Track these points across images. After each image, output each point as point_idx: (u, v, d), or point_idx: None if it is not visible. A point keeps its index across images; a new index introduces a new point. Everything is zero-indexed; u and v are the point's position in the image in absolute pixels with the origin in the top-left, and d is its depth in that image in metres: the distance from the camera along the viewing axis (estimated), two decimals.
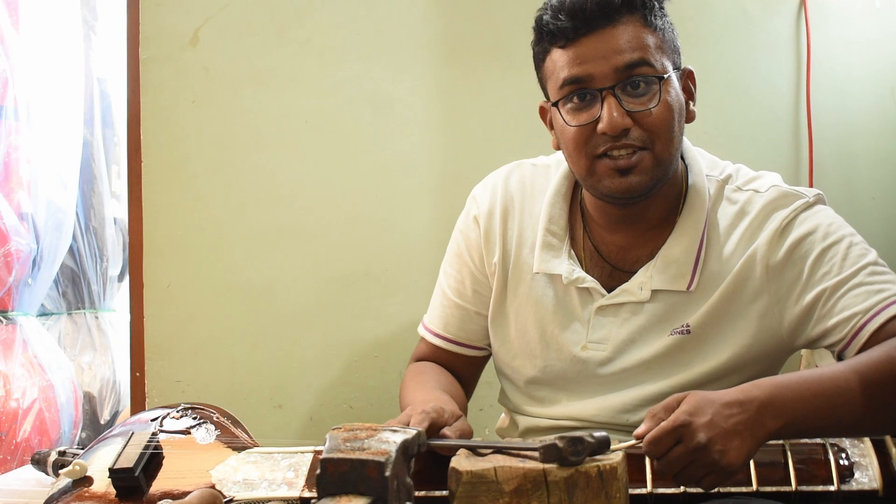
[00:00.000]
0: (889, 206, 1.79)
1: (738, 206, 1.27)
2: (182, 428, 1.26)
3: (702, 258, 1.25)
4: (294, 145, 1.92)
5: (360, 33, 1.91)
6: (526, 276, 1.34)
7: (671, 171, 1.24)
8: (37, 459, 1.29)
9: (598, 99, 1.19)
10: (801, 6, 1.81)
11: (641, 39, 1.19)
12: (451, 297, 1.42)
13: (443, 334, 1.44)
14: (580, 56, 1.19)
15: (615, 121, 1.17)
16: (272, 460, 1.19)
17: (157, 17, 1.94)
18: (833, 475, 1.05)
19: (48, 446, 2.62)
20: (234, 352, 1.92)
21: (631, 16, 1.19)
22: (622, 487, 0.92)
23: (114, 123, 3.26)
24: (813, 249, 1.20)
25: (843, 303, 1.17)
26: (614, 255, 1.31)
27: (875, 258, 1.21)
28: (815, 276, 1.20)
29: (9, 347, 2.68)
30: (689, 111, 1.27)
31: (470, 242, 1.40)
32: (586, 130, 1.20)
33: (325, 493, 0.81)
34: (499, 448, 0.98)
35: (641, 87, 1.18)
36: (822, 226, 1.22)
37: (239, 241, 1.92)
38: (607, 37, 1.18)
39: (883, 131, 1.80)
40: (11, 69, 2.67)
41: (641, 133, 1.19)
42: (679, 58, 1.26)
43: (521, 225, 1.36)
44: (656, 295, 1.26)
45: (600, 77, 1.18)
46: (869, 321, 1.15)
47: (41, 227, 2.78)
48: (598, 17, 1.17)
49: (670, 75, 1.21)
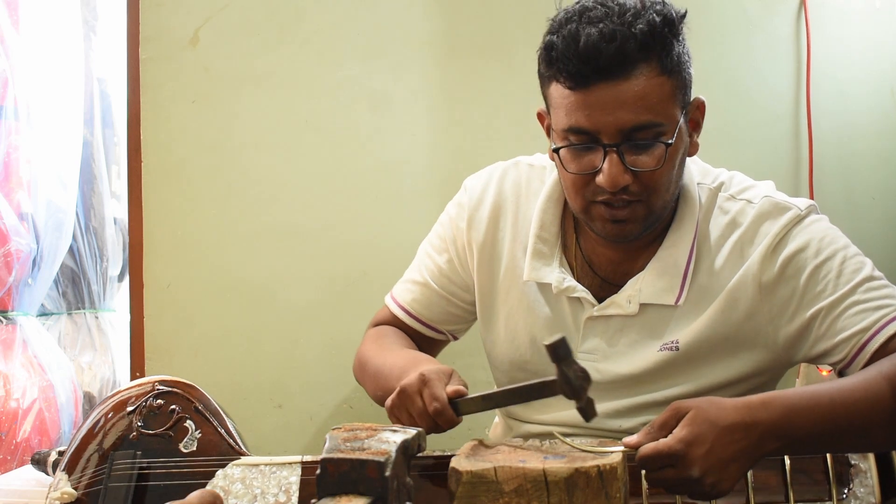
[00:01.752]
0: (889, 206, 1.80)
1: (730, 215, 1.24)
2: (162, 430, 1.22)
3: (691, 271, 1.23)
4: (294, 145, 1.92)
5: (360, 33, 1.91)
6: (518, 280, 1.33)
7: (666, 212, 1.22)
8: (37, 459, 1.29)
9: (601, 151, 1.15)
10: (801, 6, 1.81)
11: (655, 94, 1.12)
12: (425, 277, 1.42)
13: (407, 308, 1.43)
14: (588, 105, 1.13)
15: (616, 178, 1.14)
16: (261, 476, 1.16)
17: (157, 17, 1.95)
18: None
19: (48, 446, 2.62)
20: (234, 352, 1.92)
21: (646, 63, 1.12)
22: (622, 487, 0.92)
23: (114, 123, 3.25)
24: (806, 266, 1.18)
25: (841, 323, 1.15)
26: (605, 266, 1.29)
27: (870, 272, 1.18)
28: (810, 294, 1.18)
29: (9, 347, 2.67)
30: (692, 144, 1.23)
31: (455, 230, 1.39)
32: (585, 178, 1.17)
33: (325, 493, 0.81)
34: (511, 390, 1.04)
35: (646, 144, 1.15)
36: (814, 241, 1.19)
37: (239, 241, 1.92)
38: (619, 90, 1.11)
39: (883, 132, 1.80)
40: (11, 69, 2.67)
41: (639, 188, 1.16)
42: (690, 91, 1.20)
43: (515, 227, 1.34)
44: (645, 309, 1.24)
45: (605, 133, 1.13)
46: (870, 339, 1.13)
47: (41, 227, 2.78)
48: (612, 67, 1.10)
49: (679, 126, 1.16)
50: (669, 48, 1.13)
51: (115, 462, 1.20)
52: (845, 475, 1.05)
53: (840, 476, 1.05)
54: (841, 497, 1.03)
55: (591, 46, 1.09)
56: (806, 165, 1.79)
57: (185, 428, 1.23)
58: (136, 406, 1.24)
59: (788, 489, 1.03)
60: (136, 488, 1.17)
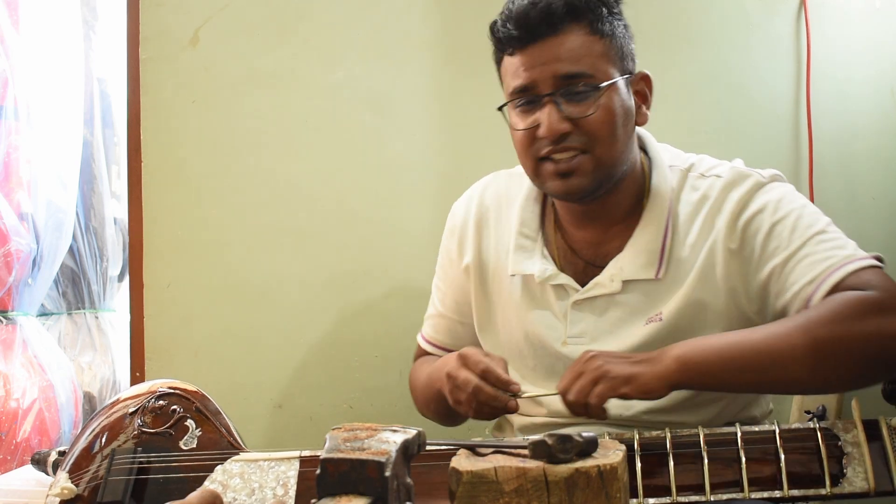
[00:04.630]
0: (889, 206, 1.80)
1: (700, 192, 1.30)
2: (163, 428, 1.25)
3: (668, 246, 1.28)
4: (294, 145, 1.92)
5: (360, 33, 1.92)
6: (506, 281, 1.38)
7: (618, 172, 1.28)
8: (37, 459, 1.29)
9: (541, 105, 1.24)
10: (801, 6, 1.81)
11: (585, 48, 1.23)
12: (439, 308, 1.51)
13: (432, 341, 1.53)
14: (525, 64, 1.24)
15: (553, 125, 1.22)
16: (259, 471, 1.17)
17: (157, 17, 1.95)
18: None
19: (48, 446, 2.62)
20: (234, 352, 1.92)
21: (576, 24, 1.23)
22: (622, 487, 0.92)
23: (114, 123, 3.25)
24: (763, 226, 1.24)
25: (793, 276, 1.20)
26: (586, 250, 1.34)
27: (824, 226, 1.23)
28: (767, 251, 1.23)
29: (9, 347, 2.67)
30: (640, 114, 1.31)
31: (450, 255, 1.48)
32: (530, 134, 1.26)
33: (325, 493, 0.81)
34: (491, 445, 0.99)
35: (581, 94, 1.23)
36: (771, 202, 1.25)
37: (239, 241, 1.93)
38: (550, 45, 1.22)
39: (883, 131, 1.80)
40: (11, 69, 2.67)
41: (581, 137, 1.23)
42: (631, 62, 1.30)
43: (499, 233, 1.41)
44: (628, 285, 1.29)
45: (542, 84, 1.23)
46: (816, 290, 1.17)
47: (41, 227, 2.78)
48: (542, 27, 1.22)
49: (615, 82, 1.25)
50: (599, 13, 1.24)
51: (115, 457, 1.22)
52: (838, 465, 1.04)
53: (833, 463, 1.04)
54: (835, 484, 1.03)
55: (522, 13, 1.23)
56: (806, 165, 1.79)
57: (185, 427, 1.25)
58: (139, 407, 1.26)
59: (782, 473, 1.03)
60: (136, 482, 1.19)
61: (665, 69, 1.84)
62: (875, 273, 1.16)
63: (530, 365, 1.36)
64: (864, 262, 1.17)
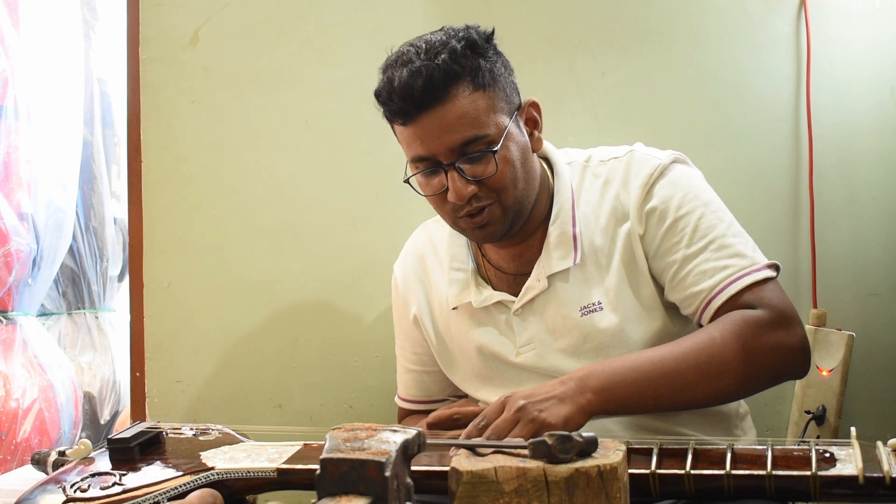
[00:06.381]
0: (889, 206, 1.79)
1: (602, 178, 1.35)
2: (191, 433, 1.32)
3: (579, 233, 1.33)
4: (294, 145, 1.92)
5: (360, 33, 1.91)
6: (452, 316, 1.43)
7: (528, 205, 1.32)
8: (37, 459, 1.29)
9: (443, 172, 1.26)
10: (801, 6, 1.81)
11: (473, 108, 1.24)
12: (405, 364, 1.56)
13: (408, 398, 1.58)
14: (420, 136, 1.25)
15: (460, 191, 1.25)
16: (262, 448, 1.23)
17: (157, 17, 1.94)
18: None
19: (48, 446, 2.62)
20: (234, 352, 1.92)
21: (458, 86, 1.23)
22: (622, 487, 0.93)
23: (114, 123, 3.26)
24: (665, 219, 1.28)
25: (690, 278, 1.26)
26: (512, 264, 1.39)
27: (725, 228, 1.27)
28: (667, 244, 1.28)
29: (9, 347, 2.68)
30: (534, 141, 1.33)
31: (399, 312, 1.54)
32: (440, 197, 1.29)
33: (325, 493, 0.81)
34: (491, 445, 1.01)
35: (479, 155, 1.25)
36: (676, 196, 1.29)
37: (239, 241, 1.92)
38: (439, 114, 1.23)
39: (883, 131, 1.79)
40: (11, 69, 2.68)
41: (488, 192, 1.27)
42: (517, 96, 1.31)
43: (437, 276, 1.46)
44: (553, 280, 1.33)
45: (440, 155, 1.25)
46: (713, 298, 1.23)
47: (41, 227, 2.78)
48: (427, 98, 1.22)
49: (507, 130, 1.27)
50: (477, 67, 1.25)
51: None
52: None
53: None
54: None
55: (405, 85, 1.22)
56: (806, 165, 1.79)
57: (208, 431, 1.32)
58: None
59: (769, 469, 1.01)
60: (144, 443, 1.24)
61: (665, 69, 1.84)
62: (769, 288, 1.23)
63: (495, 383, 1.40)
64: (760, 275, 1.23)
